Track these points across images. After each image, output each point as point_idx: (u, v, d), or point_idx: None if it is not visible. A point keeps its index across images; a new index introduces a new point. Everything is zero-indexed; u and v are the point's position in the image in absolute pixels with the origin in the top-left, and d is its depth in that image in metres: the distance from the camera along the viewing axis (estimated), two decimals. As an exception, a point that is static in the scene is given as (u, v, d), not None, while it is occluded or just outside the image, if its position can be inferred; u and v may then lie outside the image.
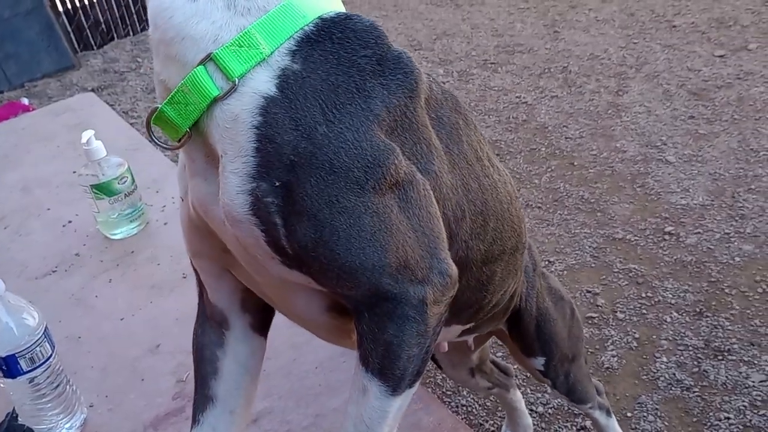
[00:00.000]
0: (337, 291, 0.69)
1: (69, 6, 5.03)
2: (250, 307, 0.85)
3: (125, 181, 1.50)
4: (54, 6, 4.84)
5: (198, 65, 0.65)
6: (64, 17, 4.95)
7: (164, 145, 0.74)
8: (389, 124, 0.68)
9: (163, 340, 1.25)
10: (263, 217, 0.65)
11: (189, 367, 1.04)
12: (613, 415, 1.37)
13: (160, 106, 0.68)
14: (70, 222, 1.63)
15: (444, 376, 1.93)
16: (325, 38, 0.68)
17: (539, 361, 1.15)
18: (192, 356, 0.87)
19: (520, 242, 0.93)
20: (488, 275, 0.87)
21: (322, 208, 0.64)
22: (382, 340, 0.67)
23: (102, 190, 1.47)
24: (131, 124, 3.35)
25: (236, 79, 0.65)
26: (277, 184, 0.64)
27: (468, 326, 0.99)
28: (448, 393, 1.90)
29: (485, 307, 0.93)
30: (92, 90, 4.16)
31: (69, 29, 4.98)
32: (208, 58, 0.65)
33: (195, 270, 0.85)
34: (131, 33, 5.30)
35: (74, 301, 1.37)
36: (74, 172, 1.69)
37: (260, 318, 0.86)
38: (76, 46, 5.02)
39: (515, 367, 1.75)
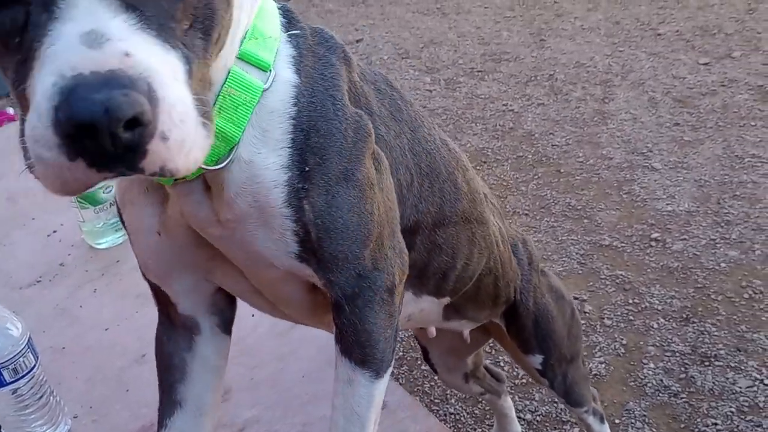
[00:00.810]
0: (329, 278, 0.71)
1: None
2: (216, 308, 0.86)
3: (110, 190, 1.49)
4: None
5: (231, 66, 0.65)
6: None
7: (207, 167, 0.64)
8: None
9: (148, 349, 1.23)
10: (295, 205, 0.66)
11: (175, 377, 1.03)
12: (606, 422, 1.37)
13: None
14: (55, 231, 1.61)
15: (431, 384, 1.92)
16: (295, 26, 0.72)
17: (537, 359, 1.16)
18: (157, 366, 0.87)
19: (475, 209, 0.97)
20: (443, 238, 0.91)
21: (341, 183, 0.67)
22: (363, 330, 0.71)
23: (87, 199, 1.46)
24: (117, 133, 3.34)
25: (271, 68, 0.66)
26: (307, 169, 0.66)
27: (443, 300, 1.00)
28: (436, 401, 1.89)
29: (450, 274, 0.95)
30: (78, 99, 4.14)
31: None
32: (236, 59, 0.65)
33: (157, 290, 0.84)
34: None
35: (59, 311, 1.36)
36: (59, 181, 1.68)
37: (225, 317, 0.87)
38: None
39: (505, 373, 1.75)
